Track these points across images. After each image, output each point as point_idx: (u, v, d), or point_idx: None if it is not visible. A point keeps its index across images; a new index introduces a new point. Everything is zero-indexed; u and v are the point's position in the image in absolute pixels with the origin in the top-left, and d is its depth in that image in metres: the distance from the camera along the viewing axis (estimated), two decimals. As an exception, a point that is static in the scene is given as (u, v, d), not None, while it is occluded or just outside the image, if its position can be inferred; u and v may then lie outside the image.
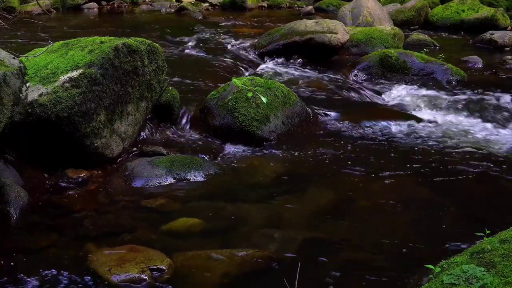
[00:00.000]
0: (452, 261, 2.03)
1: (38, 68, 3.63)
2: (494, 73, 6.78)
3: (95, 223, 3.01)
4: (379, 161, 3.99)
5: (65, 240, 2.84)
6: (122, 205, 3.27)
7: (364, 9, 8.25)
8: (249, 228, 3.04)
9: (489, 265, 1.86)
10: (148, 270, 2.45)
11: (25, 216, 3.05)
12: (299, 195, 3.49)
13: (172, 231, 2.93)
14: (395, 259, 2.70)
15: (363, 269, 2.61)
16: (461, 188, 3.62)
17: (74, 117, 3.41)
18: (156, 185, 3.47)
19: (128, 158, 3.89)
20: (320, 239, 2.94)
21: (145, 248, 2.65)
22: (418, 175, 3.77)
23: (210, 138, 4.34)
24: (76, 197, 3.32)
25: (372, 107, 5.34)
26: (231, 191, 3.58)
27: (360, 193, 3.50)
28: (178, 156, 3.89)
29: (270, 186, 3.62)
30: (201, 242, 2.84)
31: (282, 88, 4.64)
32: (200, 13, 11.43)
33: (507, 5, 11.27)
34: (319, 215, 3.24)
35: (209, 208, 3.25)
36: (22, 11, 10.08)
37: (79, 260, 2.59)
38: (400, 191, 3.55)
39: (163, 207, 3.22)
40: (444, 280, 1.82)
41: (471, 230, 2.50)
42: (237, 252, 2.70)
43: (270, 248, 2.79)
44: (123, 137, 3.82)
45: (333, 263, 2.63)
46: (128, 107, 3.83)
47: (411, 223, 3.11)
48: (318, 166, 3.91)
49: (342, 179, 3.70)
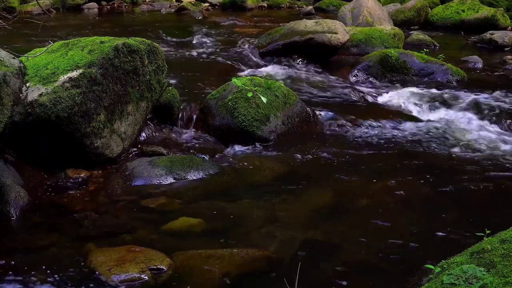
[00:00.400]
0: (452, 261, 2.03)
1: (38, 68, 3.63)
2: (494, 73, 6.78)
3: (95, 223, 3.01)
4: (379, 161, 3.99)
5: (65, 240, 2.84)
6: (122, 205, 3.27)
7: (364, 9, 8.25)
8: (249, 228, 3.04)
9: (489, 265, 1.86)
10: (148, 270, 2.45)
11: (25, 216, 3.06)
12: (299, 195, 3.49)
13: (172, 231, 2.93)
14: (395, 259, 2.70)
15: (363, 269, 2.61)
16: (461, 188, 3.61)
17: (74, 117, 3.41)
18: (156, 185, 3.47)
19: (128, 158, 3.89)
20: (320, 239, 2.94)
21: (145, 248, 2.65)
22: (418, 175, 3.77)
23: (210, 138, 4.34)
24: (76, 197, 3.32)
25: (372, 107, 5.34)
26: (231, 191, 3.58)
27: (360, 193, 3.50)
28: (178, 156, 3.89)
29: (270, 185, 3.62)
30: (201, 242, 2.83)
31: (282, 88, 4.64)
32: (200, 13, 11.42)
33: (507, 5, 11.26)
34: (319, 215, 3.25)
35: (209, 208, 3.25)
36: (22, 11, 10.08)
37: (79, 260, 2.59)
38: (400, 191, 3.55)
39: (163, 207, 3.22)
40: (444, 280, 1.82)
41: (471, 230, 2.50)
42: (237, 252, 2.70)
43: (270, 248, 2.79)
44: (123, 137, 3.82)
45: (333, 263, 2.63)
46: (128, 107, 3.83)
47: (411, 223, 3.11)
48: (318, 166, 3.91)
49: (342, 179, 3.70)
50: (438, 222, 3.09)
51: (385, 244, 2.83)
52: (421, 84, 5.92)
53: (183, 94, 4.78)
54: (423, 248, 2.77)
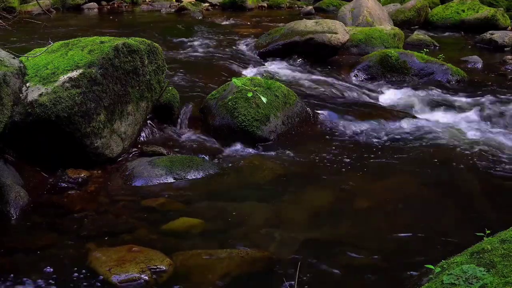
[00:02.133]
0: (452, 261, 2.03)
1: (38, 68, 3.63)
2: (494, 73, 6.78)
3: (95, 223, 3.01)
4: (379, 161, 3.99)
5: (65, 240, 2.83)
6: (122, 205, 3.27)
7: (364, 9, 8.25)
8: (249, 228, 3.04)
9: (489, 265, 1.86)
10: (148, 269, 2.45)
11: (25, 216, 3.05)
12: (299, 195, 3.49)
13: (172, 231, 2.93)
14: (395, 259, 2.70)
15: (363, 269, 2.61)
16: (461, 188, 3.62)
17: (74, 117, 3.41)
18: (156, 185, 3.47)
19: (128, 158, 3.89)
20: (320, 239, 2.94)
21: (145, 248, 2.65)
22: (417, 175, 3.77)
23: (210, 138, 4.34)
24: (76, 197, 3.32)
25: (371, 107, 5.34)
26: (231, 191, 3.58)
27: (360, 193, 3.50)
28: (178, 156, 3.89)
29: (270, 185, 3.62)
30: (201, 242, 2.83)
31: (282, 88, 4.64)
32: (200, 13, 11.44)
33: (507, 5, 11.26)
34: (319, 215, 3.25)
35: (208, 208, 3.25)
36: (22, 11, 10.09)
37: (79, 259, 2.59)
38: (400, 191, 3.55)
39: (163, 207, 3.22)
40: (444, 280, 1.82)
41: (471, 230, 2.50)
42: (237, 252, 2.70)
43: (270, 248, 2.79)
44: (123, 137, 3.82)
45: (332, 263, 2.63)
46: (128, 107, 3.83)
47: (411, 223, 3.11)
48: (318, 166, 3.91)
49: (342, 179, 3.70)
50: (438, 222, 3.09)
51: (385, 244, 2.83)
52: (421, 84, 5.92)
53: (183, 94, 4.78)
54: (423, 248, 2.77)
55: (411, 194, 3.52)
